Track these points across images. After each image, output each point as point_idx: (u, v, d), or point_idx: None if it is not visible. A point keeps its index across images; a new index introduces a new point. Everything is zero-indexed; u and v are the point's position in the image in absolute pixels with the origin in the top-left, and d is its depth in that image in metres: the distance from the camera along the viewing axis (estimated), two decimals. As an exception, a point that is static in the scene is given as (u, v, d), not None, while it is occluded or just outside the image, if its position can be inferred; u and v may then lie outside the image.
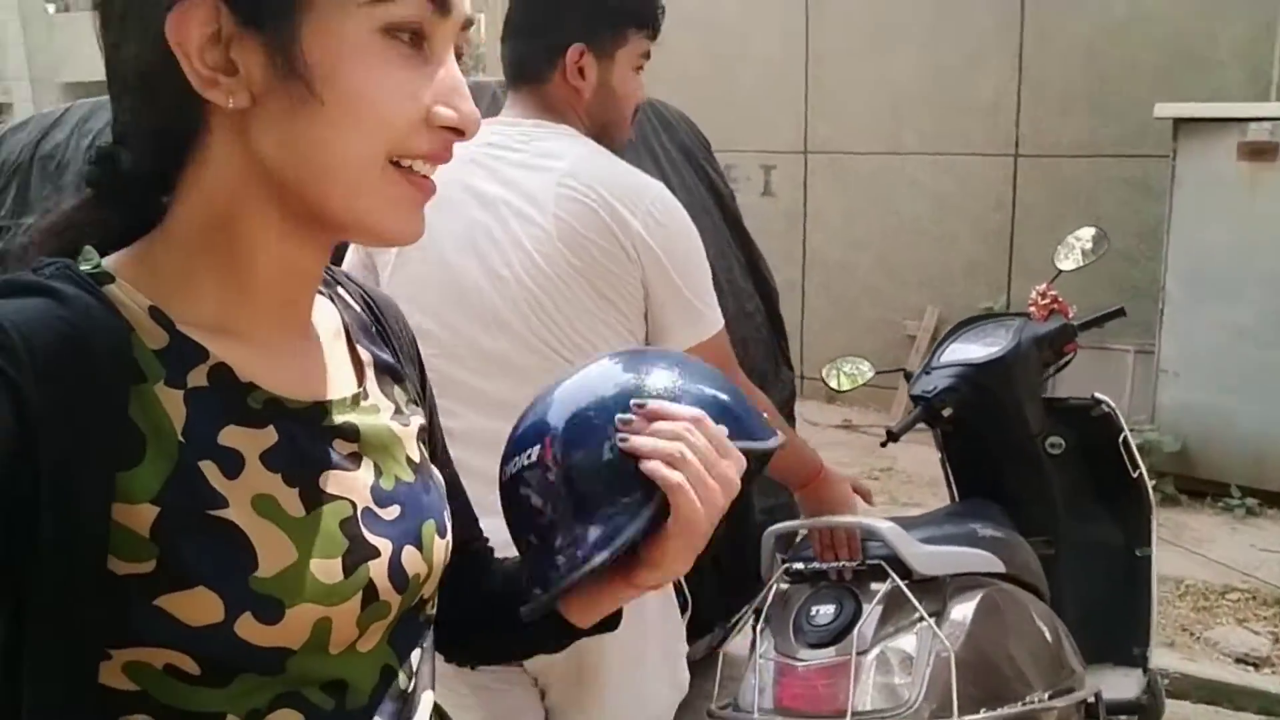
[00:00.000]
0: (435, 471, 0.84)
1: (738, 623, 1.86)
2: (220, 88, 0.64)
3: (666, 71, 6.61)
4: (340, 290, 0.86)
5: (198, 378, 0.67)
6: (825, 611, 1.69)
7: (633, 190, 1.48)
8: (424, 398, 0.91)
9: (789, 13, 6.09)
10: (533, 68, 1.58)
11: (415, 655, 0.80)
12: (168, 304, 0.68)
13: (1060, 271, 2.41)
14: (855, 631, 1.63)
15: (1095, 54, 5.30)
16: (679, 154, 2.66)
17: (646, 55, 1.61)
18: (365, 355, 0.83)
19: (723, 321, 1.53)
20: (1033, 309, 2.40)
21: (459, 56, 0.71)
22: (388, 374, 0.84)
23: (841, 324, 6.03)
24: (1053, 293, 2.38)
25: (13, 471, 0.56)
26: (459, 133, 0.69)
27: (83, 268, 0.66)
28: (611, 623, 0.92)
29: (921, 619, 1.64)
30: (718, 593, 2.32)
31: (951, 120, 5.71)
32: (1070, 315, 2.36)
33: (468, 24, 0.71)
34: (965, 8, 5.62)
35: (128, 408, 0.63)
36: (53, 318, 0.60)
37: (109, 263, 0.69)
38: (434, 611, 0.84)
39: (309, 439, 0.72)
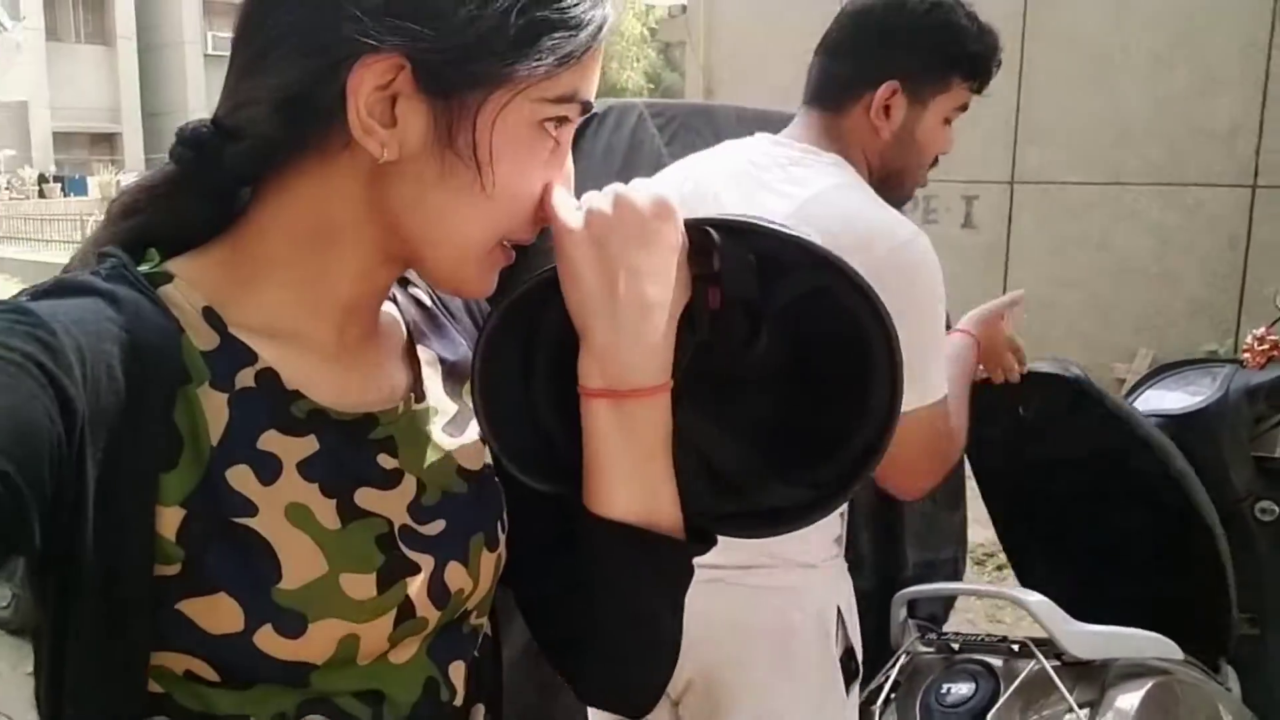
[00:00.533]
0: (494, 479, 0.81)
1: (872, 692, 1.68)
2: (375, 137, 0.64)
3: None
4: (411, 286, 0.84)
5: (245, 380, 0.67)
6: (959, 691, 1.52)
7: (879, 228, 1.32)
8: None
9: (1001, 38, 5.79)
10: (834, 92, 1.47)
11: (459, 667, 0.76)
12: (224, 305, 0.68)
13: None
14: (990, 717, 1.43)
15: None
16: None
17: (963, 108, 1.49)
18: (428, 355, 0.81)
19: (944, 391, 1.36)
20: (1247, 355, 2.12)
21: None
22: (453, 374, 0.81)
23: (1043, 365, 5.64)
24: (1273, 338, 2.10)
25: (59, 474, 0.55)
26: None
27: (141, 267, 0.67)
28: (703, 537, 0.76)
29: (1071, 710, 1.41)
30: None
31: (1181, 148, 5.32)
32: (1293, 364, 2.06)
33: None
34: (1203, 31, 5.24)
35: (173, 410, 0.63)
36: (103, 319, 0.60)
37: (174, 263, 0.69)
38: (481, 621, 0.80)
39: (351, 451, 0.71)
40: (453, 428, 0.78)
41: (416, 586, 0.70)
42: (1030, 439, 1.93)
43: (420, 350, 0.80)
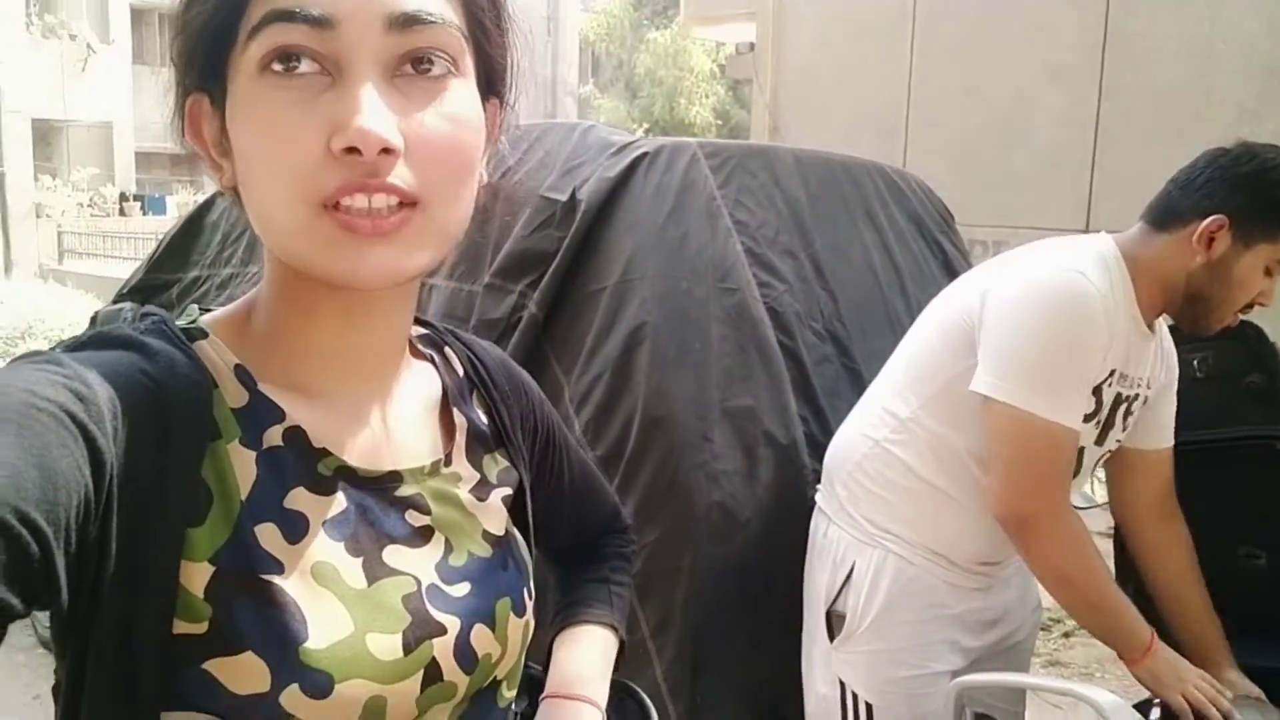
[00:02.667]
0: (520, 545, 0.82)
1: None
2: (219, 171, 0.67)
3: (940, 141, 6.43)
4: (447, 350, 0.85)
5: (273, 438, 0.67)
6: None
7: (1035, 260, 1.57)
8: (542, 448, 0.92)
9: (1077, 93, 5.63)
10: (1165, 212, 1.61)
11: None
12: (254, 363, 0.68)
13: None
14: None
15: None
16: (907, 222, 2.40)
17: None
18: (460, 421, 0.81)
19: (1066, 421, 1.49)
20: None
21: (421, 62, 0.64)
22: (479, 441, 0.82)
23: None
24: None
25: (85, 525, 0.55)
26: (358, 151, 0.60)
27: (179, 323, 0.68)
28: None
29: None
30: None
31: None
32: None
33: (400, 22, 0.63)
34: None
35: (201, 466, 0.63)
36: (137, 372, 0.61)
37: (208, 320, 0.70)
38: (513, 695, 0.80)
39: (379, 509, 0.71)
40: (478, 492, 0.79)
41: (443, 649, 0.70)
42: None
43: (455, 415, 0.80)
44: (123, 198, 20.14)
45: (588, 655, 0.93)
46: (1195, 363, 1.86)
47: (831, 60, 6.72)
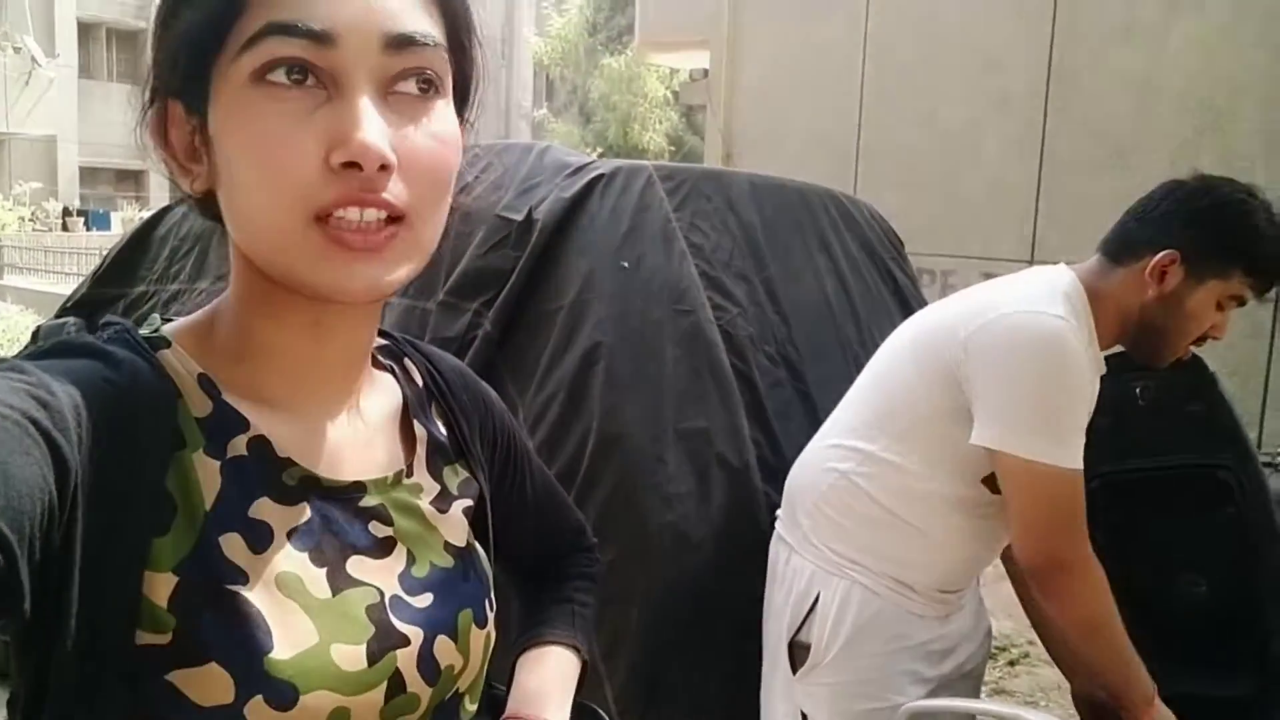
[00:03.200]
0: (481, 556, 0.82)
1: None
2: (190, 175, 0.67)
3: (891, 168, 6.53)
4: (407, 362, 0.85)
5: (237, 447, 0.67)
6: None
7: (999, 299, 1.56)
8: (501, 460, 0.92)
9: (1024, 124, 5.76)
10: (1121, 244, 1.63)
11: None
12: (218, 373, 0.68)
13: None
14: None
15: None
16: (860, 250, 2.43)
17: (1239, 302, 1.60)
18: (420, 432, 0.81)
19: (1073, 466, 1.48)
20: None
21: (416, 81, 0.66)
22: (439, 453, 0.82)
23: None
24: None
25: (48, 533, 0.55)
26: (358, 166, 0.61)
27: (142, 332, 0.68)
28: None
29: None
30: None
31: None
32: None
33: (397, 42, 0.64)
34: (1227, 117, 5.17)
35: (166, 475, 0.63)
36: (100, 381, 0.60)
37: (171, 329, 0.70)
38: (475, 709, 0.81)
39: (343, 520, 0.71)
40: (439, 503, 0.79)
41: (406, 660, 0.70)
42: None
43: (416, 426, 0.81)
44: (66, 212, 19.78)
45: (549, 675, 0.92)
46: (1138, 390, 1.89)
47: (784, 87, 6.81)
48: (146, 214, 3.62)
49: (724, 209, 2.12)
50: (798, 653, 1.68)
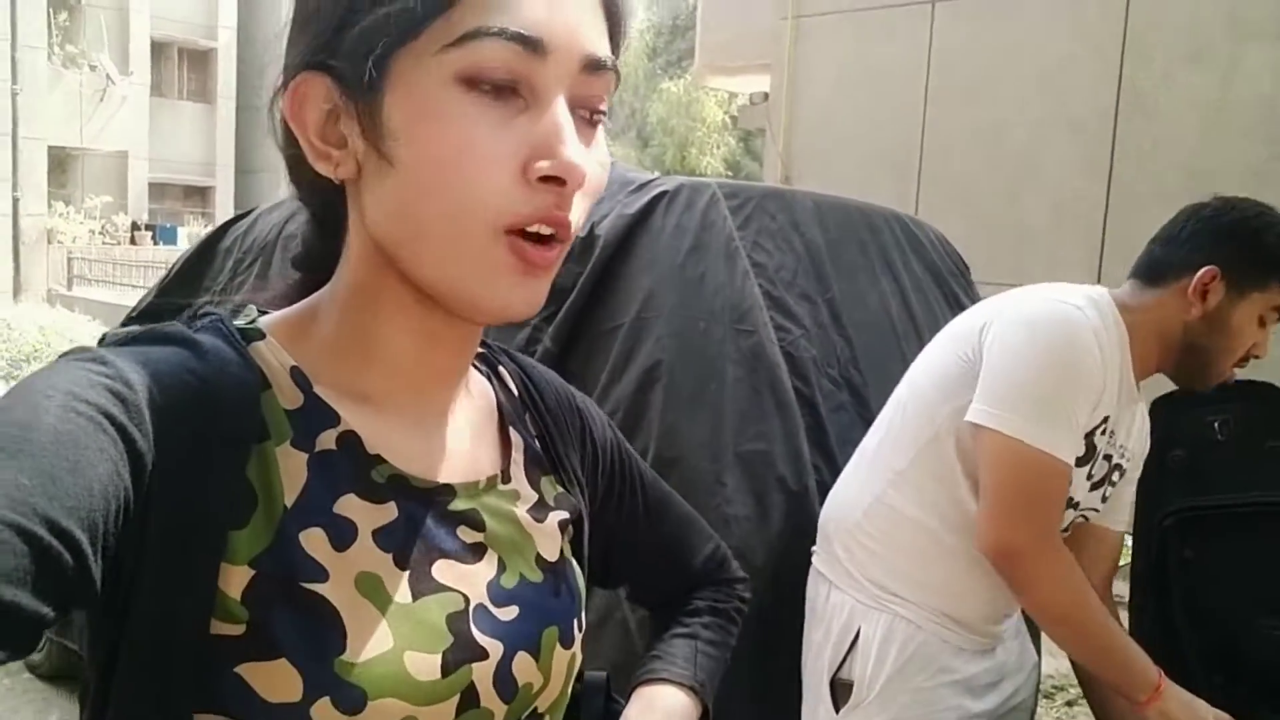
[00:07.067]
0: (575, 573, 0.79)
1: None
2: (330, 160, 0.64)
3: (951, 189, 6.43)
4: (501, 370, 0.83)
5: (326, 442, 0.66)
6: None
7: (1028, 296, 1.56)
8: (606, 479, 0.89)
9: (1092, 147, 5.66)
10: (1154, 267, 1.62)
11: None
12: (312, 367, 0.67)
13: None
14: None
15: None
16: (925, 273, 2.39)
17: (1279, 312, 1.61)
18: (516, 439, 0.79)
19: (1057, 453, 1.46)
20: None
21: (591, 108, 0.65)
22: (536, 463, 0.80)
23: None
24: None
25: (122, 527, 0.55)
26: (559, 182, 0.61)
27: (237, 322, 0.67)
28: None
29: None
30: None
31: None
32: None
33: (593, 65, 0.63)
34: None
35: (246, 466, 0.62)
36: (183, 370, 0.60)
37: (267, 321, 0.69)
38: None
39: (430, 522, 0.69)
40: (535, 513, 0.76)
41: (483, 674, 0.68)
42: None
43: (512, 433, 0.79)
44: (134, 226, 20.27)
45: (654, 717, 0.86)
46: (1216, 425, 1.83)
47: (845, 109, 6.76)
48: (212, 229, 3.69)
49: (788, 228, 2.09)
50: (840, 691, 1.64)
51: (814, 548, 1.77)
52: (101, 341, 0.65)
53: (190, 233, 20.24)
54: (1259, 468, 1.82)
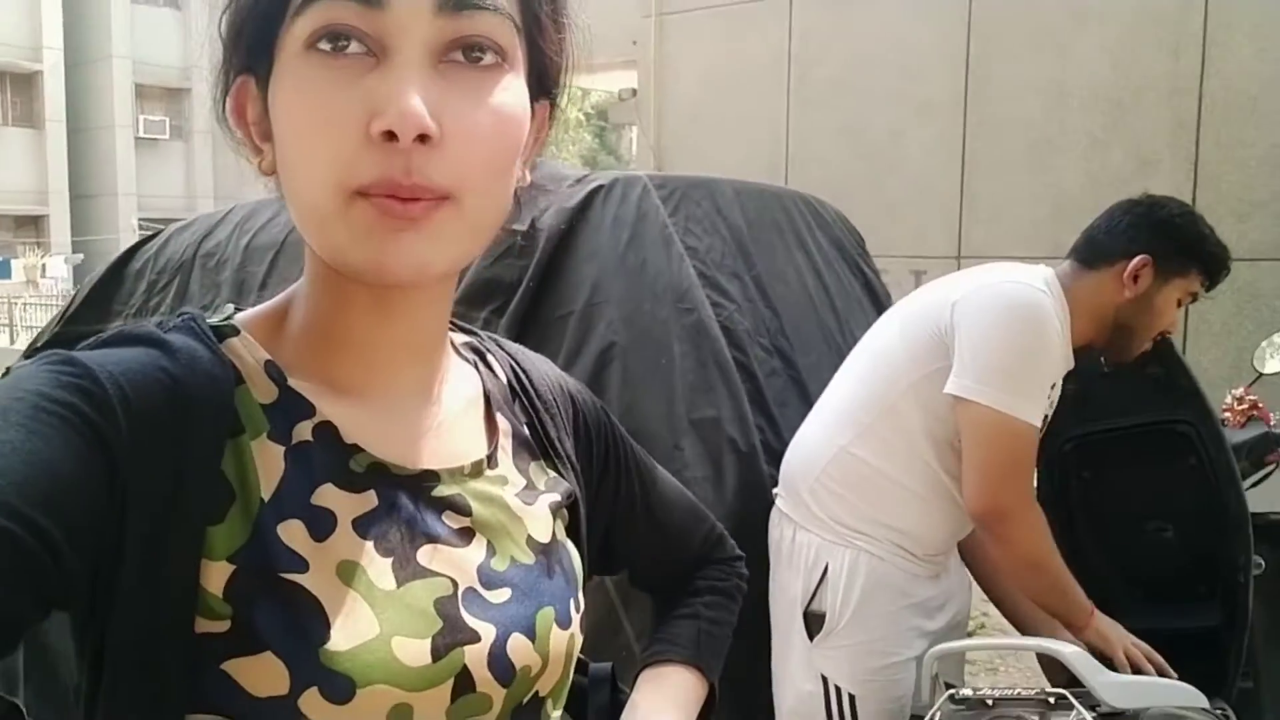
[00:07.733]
0: (570, 554, 0.78)
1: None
2: (260, 154, 0.66)
3: (819, 174, 6.75)
4: (490, 358, 0.83)
5: (302, 433, 0.65)
6: (1002, 747, 1.51)
7: (987, 277, 1.79)
8: (600, 463, 0.88)
9: (945, 124, 6.05)
10: (1095, 254, 1.87)
11: None
12: (287, 360, 0.67)
13: (1260, 375, 2.20)
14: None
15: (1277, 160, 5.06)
16: (830, 247, 2.60)
17: (1194, 297, 1.89)
18: (504, 425, 0.78)
19: (1031, 422, 1.69)
20: (1228, 415, 2.20)
21: (468, 49, 0.61)
22: (525, 448, 0.79)
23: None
24: (1251, 398, 2.19)
25: (100, 528, 0.55)
26: (396, 137, 0.58)
27: (211, 320, 0.67)
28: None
29: (1111, 758, 1.43)
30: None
31: (1117, 225, 5.53)
32: (1272, 422, 2.14)
33: (450, 3, 0.60)
34: (1134, 114, 5.53)
35: (221, 462, 0.61)
36: (154, 369, 0.60)
37: (242, 318, 0.69)
38: (559, 713, 0.77)
39: (414, 508, 0.68)
40: (524, 496, 0.76)
41: (475, 657, 0.66)
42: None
43: (499, 419, 0.78)
44: (-36, 262, 19.07)
45: (663, 698, 0.87)
46: (1102, 358, 2.09)
47: (712, 104, 7.02)
48: (50, 260, 3.58)
49: (713, 213, 2.25)
50: (812, 621, 1.82)
51: (776, 492, 1.95)
52: (29, 355, 0.70)
53: (26, 264, 19.15)
54: (1141, 393, 2.09)
